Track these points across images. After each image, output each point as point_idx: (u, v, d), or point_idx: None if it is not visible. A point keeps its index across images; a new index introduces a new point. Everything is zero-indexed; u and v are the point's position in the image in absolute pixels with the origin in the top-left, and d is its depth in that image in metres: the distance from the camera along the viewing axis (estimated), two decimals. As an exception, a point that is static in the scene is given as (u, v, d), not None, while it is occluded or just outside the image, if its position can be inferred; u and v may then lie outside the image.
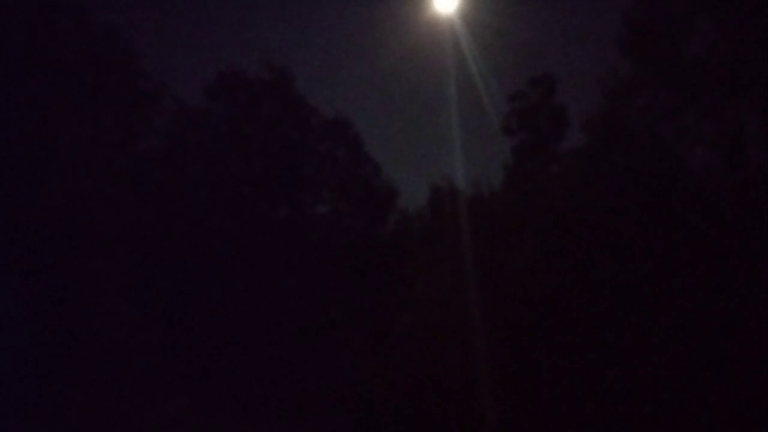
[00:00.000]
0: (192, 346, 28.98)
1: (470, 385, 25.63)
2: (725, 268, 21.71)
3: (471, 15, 33.18)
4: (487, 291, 27.29)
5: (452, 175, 37.03)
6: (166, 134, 32.94)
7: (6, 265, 25.29)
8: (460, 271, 28.69)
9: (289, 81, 35.53)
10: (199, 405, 27.03)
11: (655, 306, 22.04)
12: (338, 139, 37.51)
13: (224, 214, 31.12)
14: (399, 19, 39.06)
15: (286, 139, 35.09)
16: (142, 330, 27.23)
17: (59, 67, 28.87)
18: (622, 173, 24.51)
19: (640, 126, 25.41)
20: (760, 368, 20.30)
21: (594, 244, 24.27)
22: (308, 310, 31.43)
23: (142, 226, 28.68)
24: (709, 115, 25.13)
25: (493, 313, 25.84)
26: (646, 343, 21.83)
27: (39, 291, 25.61)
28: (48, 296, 25.73)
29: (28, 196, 26.37)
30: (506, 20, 35.08)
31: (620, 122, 25.51)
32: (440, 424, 25.88)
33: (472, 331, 26.34)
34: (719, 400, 20.35)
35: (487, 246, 28.65)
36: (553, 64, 36.32)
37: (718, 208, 23.54)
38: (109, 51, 29.98)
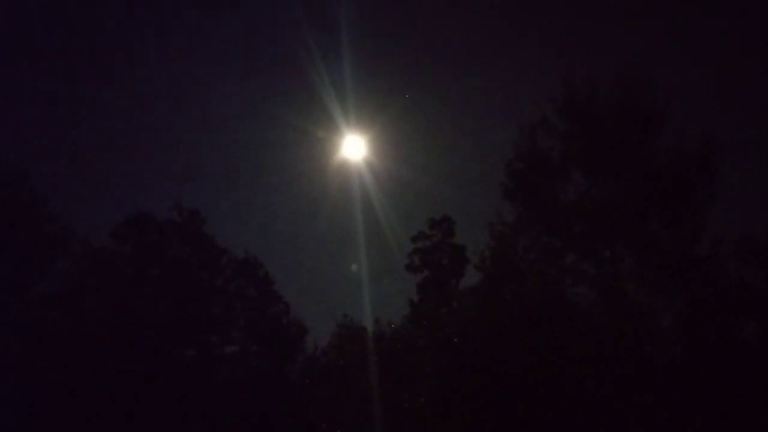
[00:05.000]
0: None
1: None
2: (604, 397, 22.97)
3: (376, 163, 35.58)
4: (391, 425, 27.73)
5: (359, 312, 38.13)
6: (70, 277, 32.69)
7: None
8: (366, 407, 29.15)
9: (199, 223, 36.16)
10: None
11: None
12: (248, 279, 37.89)
13: (127, 358, 30.49)
14: (310, 164, 41.29)
15: (194, 280, 35.27)
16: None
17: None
18: (511, 310, 25.94)
19: (525, 265, 27.17)
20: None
21: (488, 377, 25.21)
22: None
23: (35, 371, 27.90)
24: (588, 256, 27.21)
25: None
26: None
27: None
28: None
29: None
30: (408, 168, 37.72)
31: (508, 262, 27.19)
32: None
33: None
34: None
35: (390, 380, 29.38)
36: (451, 206, 38.73)
37: (599, 341, 25.12)
38: (13, 194, 30.27)
